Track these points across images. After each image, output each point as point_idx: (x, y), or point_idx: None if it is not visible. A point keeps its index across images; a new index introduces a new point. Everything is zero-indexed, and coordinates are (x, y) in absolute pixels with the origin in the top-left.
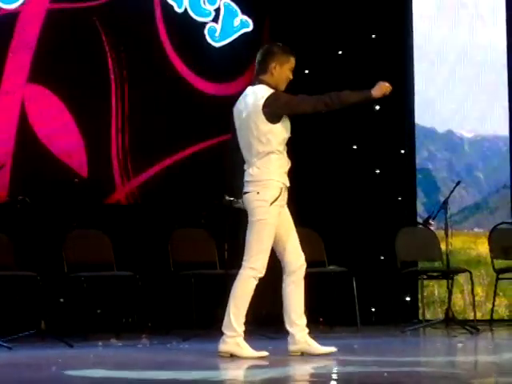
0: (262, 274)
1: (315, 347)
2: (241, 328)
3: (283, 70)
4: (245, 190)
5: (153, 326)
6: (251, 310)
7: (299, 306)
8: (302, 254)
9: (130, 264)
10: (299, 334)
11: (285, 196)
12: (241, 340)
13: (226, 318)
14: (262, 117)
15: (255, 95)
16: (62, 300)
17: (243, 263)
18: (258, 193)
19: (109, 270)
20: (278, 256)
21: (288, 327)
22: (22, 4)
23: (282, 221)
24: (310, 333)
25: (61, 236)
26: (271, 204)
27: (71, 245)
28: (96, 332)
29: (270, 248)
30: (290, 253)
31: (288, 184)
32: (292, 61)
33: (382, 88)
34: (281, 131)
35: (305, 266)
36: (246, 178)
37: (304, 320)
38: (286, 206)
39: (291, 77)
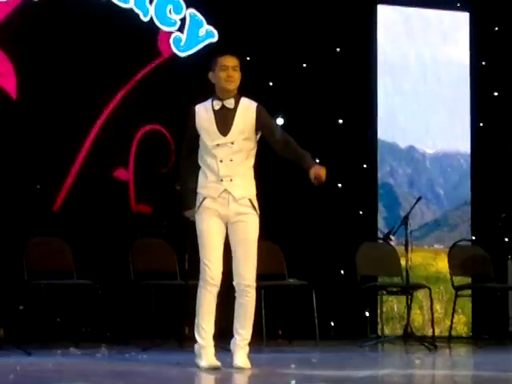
0: (213, 282)
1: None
2: (202, 339)
3: (216, 73)
4: None
5: (112, 335)
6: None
7: (240, 318)
8: (246, 273)
9: (91, 272)
10: (240, 342)
11: (216, 205)
12: (205, 351)
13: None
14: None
15: None
16: (21, 307)
17: None
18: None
19: (69, 278)
20: None
21: (234, 331)
22: None
23: (232, 236)
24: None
25: (21, 243)
26: (196, 213)
27: (31, 252)
28: (55, 340)
29: (210, 255)
30: (233, 268)
31: (215, 195)
32: (220, 60)
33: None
34: (202, 144)
35: (244, 285)
36: None
37: (246, 331)
38: (241, 220)
39: (229, 73)
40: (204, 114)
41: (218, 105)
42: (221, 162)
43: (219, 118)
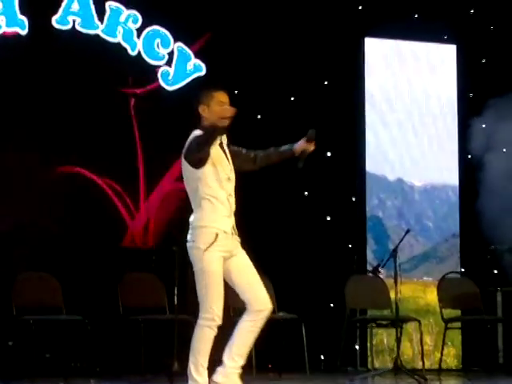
0: (216, 322)
1: None
2: (200, 377)
3: (212, 108)
4: (186, 238)
5: (101, 370)
6: None
7: (245, 345)
8: (265, 297)
9: (79, 307)
10: (231, 369)
11: (227, 241)
12: None
13: (188, 367)
14: (187, 165)
15: (187, 142)
16: (10, 343)
17: (199, 313)
18: (193, 241)
19: (58, 314)
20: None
21: (225, 357)
22: None
23: (236, 266)
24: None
25: (9, 279)
26: (205, 250)
27: (20, 288)
28: (45, 376)
29: (218, 295)
30: (253, 295)
31: (228, 229)
32: (217, 95)
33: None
34: (210, 176)
35: (269, 310)
36: (189, 227)
37: (242, 360)
38: (240, 251)
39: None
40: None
41: (218, 139)
42: (230, 195)
43: (223, 153)
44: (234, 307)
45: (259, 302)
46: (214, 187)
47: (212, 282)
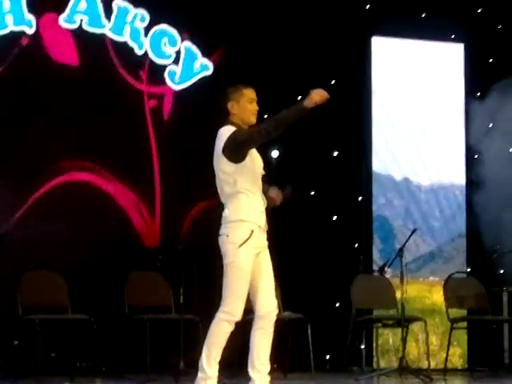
0: (236, 319)
1: None
2: (211, 370)
3: (242, 105)
4: (219, 232)
5: (107, 369)
6: None
7: (263, 352)
8: (275, 300)
9: (85, 306)
10: (259, 380)
11: (260, 237)
12: (211, 382)
13: (200, 358)
14: (224, 159)
15: (219, 137)
16: (16, 342)
17: (220, 306)
18: (227, 235)
19: (63, 313)
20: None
21: (250, 372)
22: None
23: (259, 264)
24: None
25: (15, 278)
26: (240, 246)
27: (26, 287)
28: (50, 375)
29: (244, 292)
30: (260, 298)
31: (263, 224)
32: (247, 93)
33: (313, 97)
34: (248, 170)
35: (274, 312)
36: (221, 221)
37: (267, 367)
38: (265, 250)
39: (255, 107)
40: None
41: None
42: (263, 192)
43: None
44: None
45: (265, 306)
46: (251, 181)
47: (240, 278)
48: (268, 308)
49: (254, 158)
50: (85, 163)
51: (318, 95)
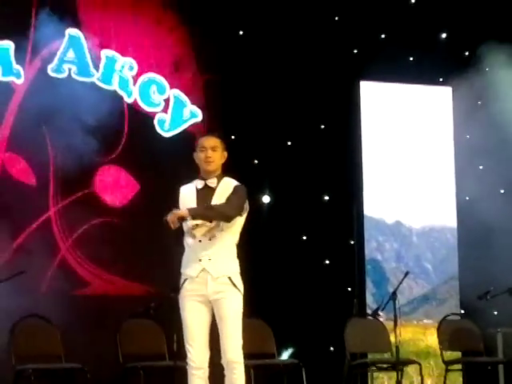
0: (194, 366)
1: None
2: None
3: (197, 154)
4: None
5: None
6: None
7: None
8: (228, 350)
9: (79, 355)
10: None
11: (197, 286)
12: None
13: None
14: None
15: None
16: None
17: None
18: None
19: (57, 362)
20: None
21: None
22: None
23: (216, 312)
24: None
25: (9, 326)
26: (178, 295)
27: (18, 336)
28: None
29: (190, 338)
30: (221, 345)
31: (194, 274)
32: (200, 141)
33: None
34: (183, 225)
35: (229, 363)
36: None
37: None
38: (220, 298)
39: (206, 154)
40: (187, 193)
41: (200, 184)
42: (199, 241)
43: (200, 197)
44: None
45: (224, 353)
46: (185, 235)
47: (184, 324)
48: (224, 356)
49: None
50: None
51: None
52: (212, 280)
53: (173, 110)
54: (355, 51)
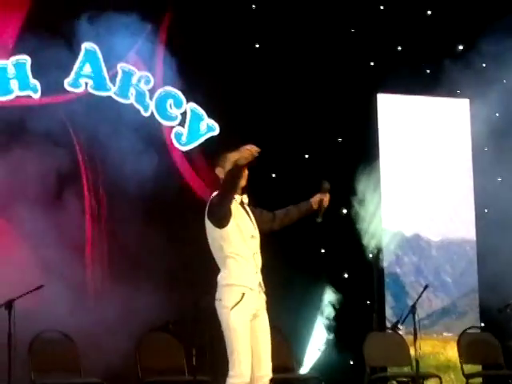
0: (245, 379)
1: None
2: None
3: (226, 170)
4: (215, 296)
5: None
6: None
7: None
8: (269, 364)
9: (97, 370)
10: None
11: (253, 299)
12: None
13: None
14: (210, 224)
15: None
16: None
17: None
18: (220, 300)
19: (75, 377)
20: None
21: None
22: None
23: (255, 326)
24: None
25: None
26: (232, 309)
27: (36, 350)
28: None
29: (245, 353)
30: (254, 361)
31: (255, 286)
32: (230, 156)
33: (242, 152)
34: (233, 234)
35: (267, 377)
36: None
37: None
38: (263, 313)
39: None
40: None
41: (238, 199)
42: (255, 253)
43: (245, 212)
44: None
45: (258, 370)
46: (238, 245)
47: (239, 340)
48: (261, 372)
49: (241, 223)
50: None
51: (247, 151)
52: (261, 293)
53: (190, 123)
54: (372, 64)
